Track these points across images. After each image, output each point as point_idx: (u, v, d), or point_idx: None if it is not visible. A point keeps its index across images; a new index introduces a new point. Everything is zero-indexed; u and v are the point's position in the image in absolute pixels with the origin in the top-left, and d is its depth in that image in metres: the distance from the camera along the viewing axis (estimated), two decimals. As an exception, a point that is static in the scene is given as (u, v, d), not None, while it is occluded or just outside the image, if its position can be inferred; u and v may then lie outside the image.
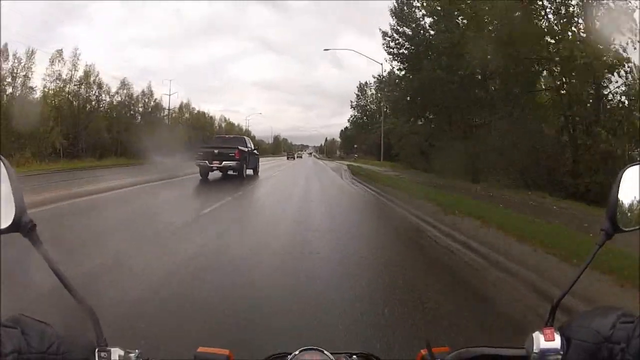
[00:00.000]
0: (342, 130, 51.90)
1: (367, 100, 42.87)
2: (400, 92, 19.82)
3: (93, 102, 24.12)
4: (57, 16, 40.97)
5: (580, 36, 12.08)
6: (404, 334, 2.47)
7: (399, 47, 18.11)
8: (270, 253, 4.47)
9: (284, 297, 3.06)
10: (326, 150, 62.46)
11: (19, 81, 20.01)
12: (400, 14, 17.93)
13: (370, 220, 7.64)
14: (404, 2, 17.92)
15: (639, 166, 0.62)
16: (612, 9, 11.31)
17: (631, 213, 0.62)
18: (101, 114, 24.38)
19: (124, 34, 48.65)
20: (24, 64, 20.06)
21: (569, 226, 6.15)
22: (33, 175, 12.05)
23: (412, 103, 18.46)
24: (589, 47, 11.19)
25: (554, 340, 0.57)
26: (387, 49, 18.44)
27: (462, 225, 5.84)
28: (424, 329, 2.56)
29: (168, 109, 29.72)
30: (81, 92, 23.06)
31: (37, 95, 20.99)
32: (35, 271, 2.43)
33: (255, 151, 16.66)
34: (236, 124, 44.00)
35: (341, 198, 10.42)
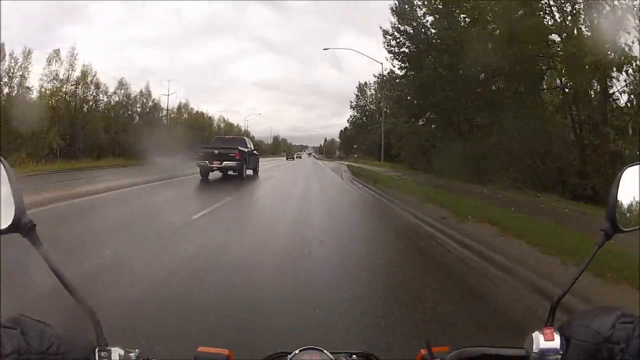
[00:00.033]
0: (341, 131, 51.93)
1: (366, 101, 42.87)
2: (400, 92, 19.51)
3: (90, 102, 23.97)
4: (57, 16, 40.94)
5: (587, 34, 11.81)
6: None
7: (399, 45, 17.80)
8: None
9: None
10: (325, 151, 62.43)
11: (15, 81, 19.92)
12: (401, 12, 17.64)
13: (373, 224, 7.10)
14: (405, 1, 17.61)
15: (638, 166, 0.63)
16: (617, 7, 11.16)
17: (630, 213, 0.62)
18: (99, 114, 24.15)
19: (124, 34, 48.66)
20: (20, 64, 19.95)
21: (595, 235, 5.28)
22: (29, 176, 11.93)
23: (412, 102, 18.15)
24: (595, 45, 10.93)
25: (553, 340, 0.57)
26: (387, 47, 18.12)
27: (477, 233, 5.29)
28: None
29: (167, 109, 29.68)
30: (78, 92, 22.92)
31: (34, 95, 20.92)
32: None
33: (255, 151, 16.68)
34: (235, 124, 44.04)
35: (341, 199, 10.22)
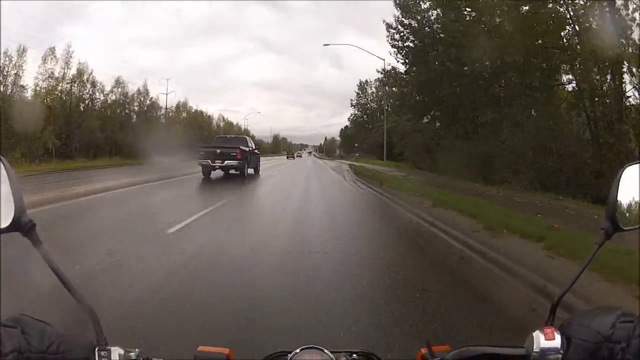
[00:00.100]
0: (342, 129, 51.95)
1: (367, 99, 42.82)
2: (404, 88, 18.63)
3: (87, 101, 23.67)
4: (57, 16, 41.04)
5: (601, 27, 11.18)
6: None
7: (403, 39, 17.10)
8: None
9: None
10: (326, 150, 62.46)
11: (9, 79, 19.67)
12: (404, 5, 16.91)
13: (388, 238, 5.76)
14: (408, -7, 16.81)
15: (638, 165, 0.62)
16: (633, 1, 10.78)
17: (631, 212, 0.62)
18: (95, 112, 23.78)
19: (124, 34, 48.75)
20: (14, 62, 19.71)
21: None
22: (23, 177, 11.78)
23: (417, 99, 17.46)
24: (610, 38, 10.44)
25: (554, 339, 0.57)
26: (391, 41, 17.38)
27: (522, 253, 4.18)
28: None
29: (165, 108, 29.59)
30: (74, 90, 22.64)
31: (29, 94, 20.66)
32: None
33: (256, 151, 16.72)
34: (235, 123, 44.08)
35: (346, 203, 9.50)
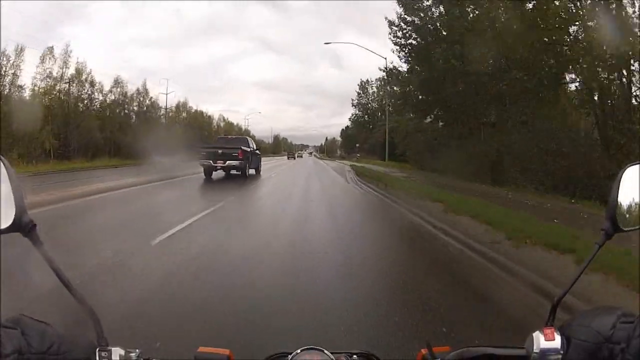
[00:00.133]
0: (342, 129, 51.84)
1: (368, 99, 42.75)
2: (407, 86, 18.23)
3: (85, 101, 23.47)
4: (57, 16, 41.03)
5: (611, 25, 10.76)
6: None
7: (406, 37, 16.72)
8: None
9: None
10: (326, 150, 62.42)
11: (7, 79, 19.54)
12: (407, 2, 16.50)
13: (400, 249, 5.08)
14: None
15: (639, 166, 0.62)
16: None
17: (631, 213, 0.62)
18: (93, 112, 23.58)
19: (124, 34, 48.71)
20: (12, 62, 19.58)
21: None
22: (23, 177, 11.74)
23: (419, 98, 17.13)
24: (618, 35, 10.19)
25: (554, 340, 0.57)
26: (393, 39, 16.99)
27: (549, 268, 3.70)
28: None
29: (165, 108, 29.50)
30: (73, 90, 22.48)
31: (27, 93, 20.50)
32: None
33: (257, 151, 16.81)
34: (235, 123, 44.01)
35: (346, 204, 9.21)
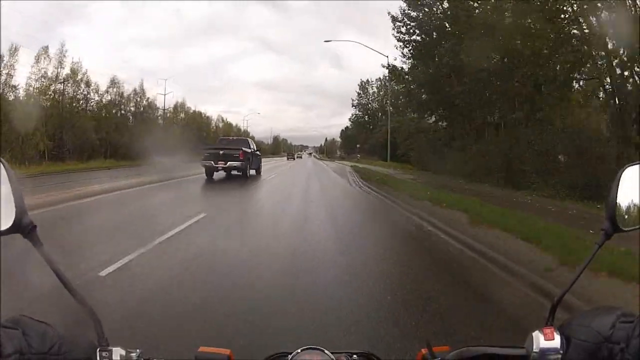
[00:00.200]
0: (342, 130, 51.58)
1: (368, 99, 42.58)
2: (411, 85, 17.76)
3: (81, 101, 23.03)
4: (57, 16, 40.81)
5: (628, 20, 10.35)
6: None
7: (410, 33, 16.31)
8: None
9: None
10: (326, 151, 62.28)
11: (1, 79, 19.07)
12: None
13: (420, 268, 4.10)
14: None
15: (638, 166, 0.62)
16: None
17: (630, 213, 0.62)
18: (89, 113, 23.13)
19: (124, 34, 48.39)
20: (6, 62, 19.15)
21: None
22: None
23: (423, 97, 16.73)
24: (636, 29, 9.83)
25: (553, 339, 0.57)
26: (397, 35, 16.57)
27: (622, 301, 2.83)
28: None
29: (163, 109, 29.21)
30: (68, 90, 22.02)
31: (21, 94, 20.07)
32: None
33: (257, 152, 16.93)
34: (234, 124, 43.74)
35: (350, 211, 8.22)
